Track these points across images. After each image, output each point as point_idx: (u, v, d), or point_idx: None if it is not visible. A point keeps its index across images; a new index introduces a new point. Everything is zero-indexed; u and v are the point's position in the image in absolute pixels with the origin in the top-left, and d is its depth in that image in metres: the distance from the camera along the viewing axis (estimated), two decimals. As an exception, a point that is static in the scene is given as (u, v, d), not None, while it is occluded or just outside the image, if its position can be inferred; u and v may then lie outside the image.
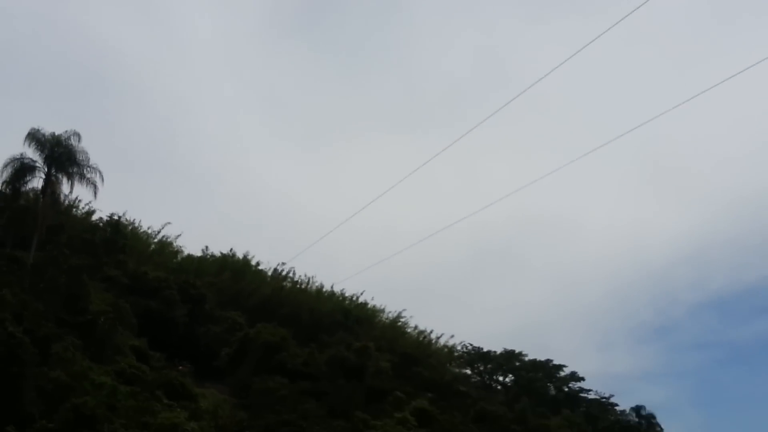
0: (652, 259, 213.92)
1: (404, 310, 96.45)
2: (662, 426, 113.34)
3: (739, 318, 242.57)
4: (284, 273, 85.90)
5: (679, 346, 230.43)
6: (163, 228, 78.91)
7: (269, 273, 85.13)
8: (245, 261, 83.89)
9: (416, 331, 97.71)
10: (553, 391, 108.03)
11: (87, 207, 70.75)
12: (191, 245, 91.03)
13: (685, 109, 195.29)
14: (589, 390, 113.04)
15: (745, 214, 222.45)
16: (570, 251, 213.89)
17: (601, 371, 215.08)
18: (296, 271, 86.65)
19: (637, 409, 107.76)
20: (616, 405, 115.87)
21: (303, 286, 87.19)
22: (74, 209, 69.94)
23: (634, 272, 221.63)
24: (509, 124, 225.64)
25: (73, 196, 66.34)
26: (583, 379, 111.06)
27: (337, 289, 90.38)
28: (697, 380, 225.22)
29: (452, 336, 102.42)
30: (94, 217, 70.29)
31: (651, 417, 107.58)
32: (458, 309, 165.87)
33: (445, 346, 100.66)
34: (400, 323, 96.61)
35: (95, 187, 56.41)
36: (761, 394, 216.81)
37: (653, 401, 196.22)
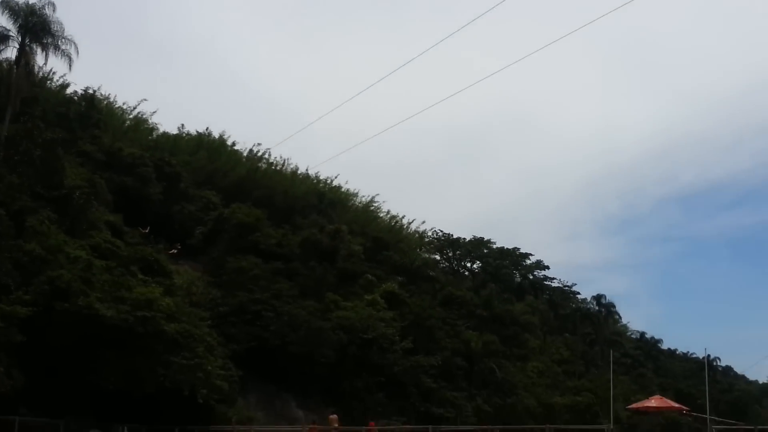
0: (622, 152, 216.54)
1: (377, 194, 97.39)
2: (620, 314, 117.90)
3: (702, 213, 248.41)
4: (260, 154, 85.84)
5: (643, 238, 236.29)
6: (138, 104, 77.85)
7: (245, 154, 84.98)
8: (221, 141, 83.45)
9: (388, 216, 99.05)
10: (518, 279, 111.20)
11: (61, 80, 69.31)
12: (167, 123, 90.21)
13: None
14: (553, 278, 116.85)
15: (717, 113, 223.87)
16: (542, 142, 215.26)
17: (567, 261, 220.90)
18: (272, 153, 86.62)
19: (598, 298, 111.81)
20: (578, 293, 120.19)
21: (278, 168, 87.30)
22: (48, 82, 68.56)
23: (603, 165, 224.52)
24: (490, 15, 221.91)
25: (48, 68, 65.06)
26: (548, 267, 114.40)
27: (312, 172, 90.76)
28: (658, 272, 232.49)
29: (423, 222, 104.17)
30: (69, 91, 69.02)
31: (611, 305, 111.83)
32: (430, 196, 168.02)
33: (416, 231, 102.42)
34: (372, 208, 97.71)
35: (70, 59, 54.96)
36: (718, 288, 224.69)
37: (614, 291, 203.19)
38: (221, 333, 47.87)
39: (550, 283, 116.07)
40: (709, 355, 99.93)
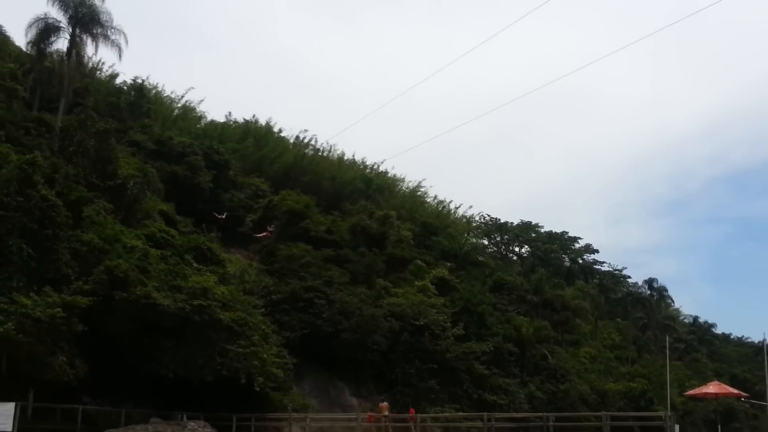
0: (671, 131, 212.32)
1: (424, 179, 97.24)
2: (673, 299, 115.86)
3: (753, 194, 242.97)
4: (306, 140, 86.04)
5: (692, 220, 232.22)
6: (186, 93, 78.66)
7: (291, 141, 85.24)
8: (268, 128, 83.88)
9: (435, 201, 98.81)
10: (567, 263, 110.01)
11: (111, 70, 70.31)
12: (214, 111, 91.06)
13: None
14: (603, 262, 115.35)
15: (767, 87, 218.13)
16: (589, 122, 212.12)
17: (615, 244, 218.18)
18: (318, 139, 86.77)
19: (650, 282, 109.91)
20: (629, 277, 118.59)
21: (325, 154, 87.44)
22: (98, 72, 69.49)
23: (651, 144, 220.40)
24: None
25: (97, 58, 65.79)
26: (597, 251, 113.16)
27: (358, 158, 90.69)
28: (709, 255, 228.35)
29: (470, 207, 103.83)
30: (118, 81, 69.89)
31: (663, 289, 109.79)
32: (477, 180, 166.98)
33: (463, 216, 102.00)
34: (419, 193, 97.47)
35: (120, 48, 55.57)
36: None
37: (665, 274, 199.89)
38: (274, 321, 48.07)
39: (599, 267, 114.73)
40: (765, 339, 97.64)
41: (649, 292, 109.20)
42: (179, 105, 78.25)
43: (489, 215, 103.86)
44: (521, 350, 63.91)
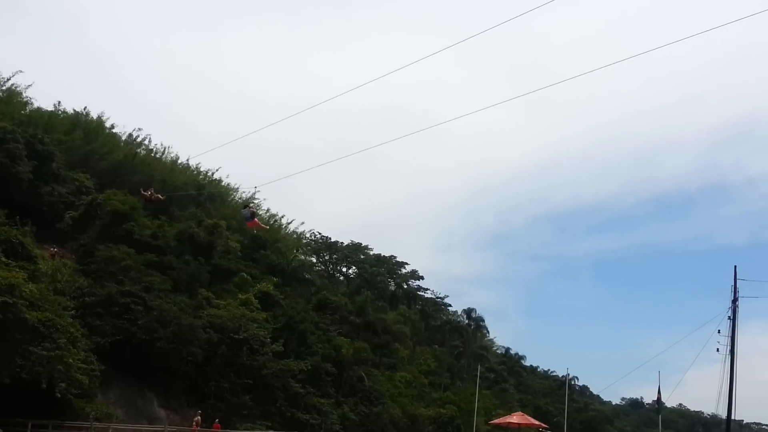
0: (503, 167, 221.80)
1: (258, 191, 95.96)
2: (489, 329, 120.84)
3: (571, 235, 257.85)
4: (139, 139, 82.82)
5: (514, 254, 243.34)
6: (13, 75, 73.74)
7: (123, 138, 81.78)
8: (99, 122, 79.84)
9: (268, 214, 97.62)
10: (393, 287, 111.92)
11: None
12: (42, 99, 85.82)
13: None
14: (427, 289, 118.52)
15: (594, 137, 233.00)
16: (426, 149, 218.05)
17: (441, 271, 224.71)
18: (152, 139, 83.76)
19: (468, 312, 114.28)
20: (450, 305, 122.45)
21: (158, 155, 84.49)
22: None
23: (484, 177, 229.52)
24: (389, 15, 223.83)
25: None
26: (422, 277, 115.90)
27: (192, 163, 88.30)
28: (526, 289, 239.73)
29: (302, 223, 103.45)
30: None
31: (480, 320, 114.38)
32: (313, 196, 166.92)
33: (294, 232, 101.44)
34: (252, 204, 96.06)
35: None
36: (581, 308, 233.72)
37: (483, 305, 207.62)
38: (86, 324, 45.78)
39: (423, 293, 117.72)
40: (568, 374, 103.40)
41: (467, 321, 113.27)
42: (3, 88, 73.27)
43: (320, 233, 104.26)
44: (339, 371, 64.29)
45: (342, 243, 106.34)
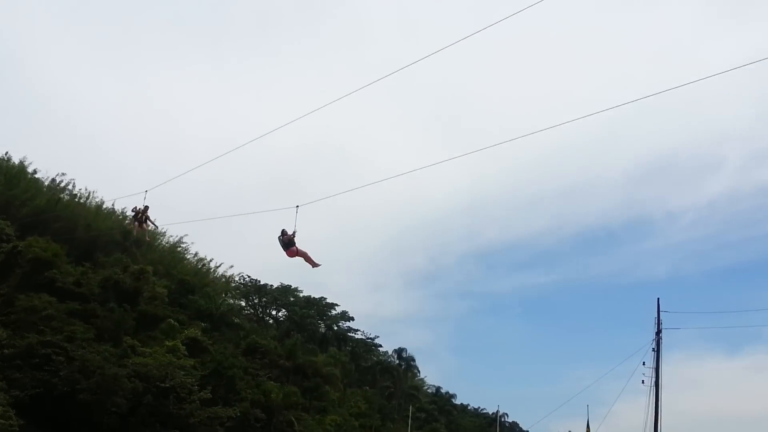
0: (432, 204, 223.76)
1: (186, 235, 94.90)
2: (419, 369, 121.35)
3: (500, 272, 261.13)
4: (63, 184, 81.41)
5: (444, 293, 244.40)
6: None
7: (46, 183, 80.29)
8: (21, 167, 78.36)
9: (196, 258, 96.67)
10: (323, 329, 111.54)
11: None
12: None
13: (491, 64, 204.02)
14: (357, 330, 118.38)
15: (522, 174, 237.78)
16: (357, 184, 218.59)
17: (371, 311, 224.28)
18: (76, 184, 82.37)
19: (399, 352, 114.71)
20: (380, 346, 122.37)
21: (82, 200, 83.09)
22: None
23: (413, 217, 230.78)
24: (314, 43, 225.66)
25: None
26: (352, 318, 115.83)
27: (118, 207, 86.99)
28: (456, 327, 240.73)
29: (231, 266, 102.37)
30: None
31: (411, 359, 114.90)
32: (242, 238, 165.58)
33: (223, 275, 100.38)
34: (180, 248, 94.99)
35: None
36: (509, 344, 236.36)
37: (414, 345, 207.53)
38: (4, 377, 44.68)
39: (353, 334, 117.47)
40: (498, 411, 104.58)
41: (398, 361, 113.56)
42: None
43: (249, 276, 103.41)
44: (269, 416, 63.71)
45: (271, 286, 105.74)
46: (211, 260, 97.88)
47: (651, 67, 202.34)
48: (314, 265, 35.08)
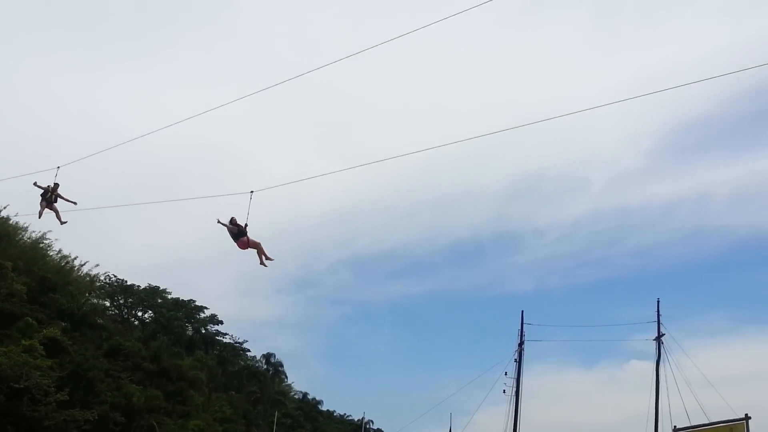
0: (307, 210, 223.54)
1: (50, 231, 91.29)
2: (287, 374, 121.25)
3: (373, 279, 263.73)
4: None
5: (316, 299, 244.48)
6: None
7: None
8: None
9: (59, 255, 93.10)
10: (191, 332, 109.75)
11: None
12: None
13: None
14: (226, 334, 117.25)
15: (398, 185, 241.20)
16: (232, 189, 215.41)
17: (241, 315, 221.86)
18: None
19: (267, 357, 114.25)
20: (249, 351, 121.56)
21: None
22: None
23: (288, 222, 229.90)
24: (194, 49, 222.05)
25: None
26: (221, 322, 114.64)
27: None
28: (325, 334, 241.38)
29: (97, 265, 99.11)
30: None
31: (279, 365, 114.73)
32: (109, 237, 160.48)
33: (87, 274, 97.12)
34: (42, 245, 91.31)
35: None
36: (378, 352, 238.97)
37: (283, 350, 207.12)
38: None
39: (222, 338, 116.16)
40: (364, 418, 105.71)
41: (266, 366, 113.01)
42: None
43: (115, 276, 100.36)
44: (129, 420, 62.32)
45: (139, 286, 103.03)
46: (75, 258, 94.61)
47: (528, 88, 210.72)
48: (266, 258, 33.09)
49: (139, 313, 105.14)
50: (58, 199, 35.98)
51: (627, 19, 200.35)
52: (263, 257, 32.94)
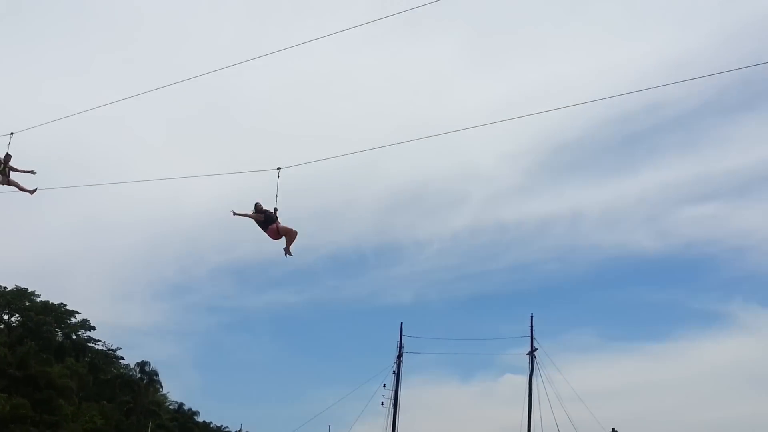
0: (187, 216, 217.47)
1: None
2: (162, 384, 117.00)
3: (253, 286, 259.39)
4: None
5: (194, 306, 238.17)
6: None
7: None
8: None
9: None
10: (60, 337, 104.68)
11: None
12: None
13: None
14: (98, 340, 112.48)
15: (281, 191, 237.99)
16: (109, 192, 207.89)
17: (115, 321, 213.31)
18: None
19: (142, 365, 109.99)
20: (122, 358, 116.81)
21: None
22: None
23: (168, 226, 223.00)
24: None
25: None
26: (93, 328, 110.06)
27: None
28: (203, 342, 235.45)
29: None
30: None
31: (154, 374, 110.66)
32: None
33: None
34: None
35: None
36: (258, 361, 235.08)
37: (159, 358, 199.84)
38: None
39: (94, 345, 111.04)
40: (242, 429, 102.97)
41: (140, 375, 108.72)
42: None
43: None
44: (-9, 431, 57.99)
45: (5, 288, 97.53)
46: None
47: (412, 102, 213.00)
48: (289, 247, 28.94)
49: (5, 317, 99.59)
50: (11, 171, 30.81)
51: (510, 37, 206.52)
52: (289, 247, 29.01)
